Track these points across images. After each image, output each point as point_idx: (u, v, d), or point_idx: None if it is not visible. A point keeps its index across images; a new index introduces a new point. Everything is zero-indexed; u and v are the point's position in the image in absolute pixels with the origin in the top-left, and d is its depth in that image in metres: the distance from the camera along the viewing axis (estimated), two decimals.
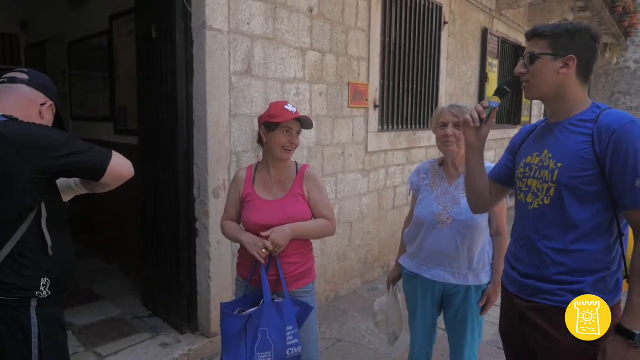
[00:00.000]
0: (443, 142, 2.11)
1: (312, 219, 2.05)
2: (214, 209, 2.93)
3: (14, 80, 1.50)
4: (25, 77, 1.52)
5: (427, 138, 5.09)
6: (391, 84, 4.52)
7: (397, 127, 4.66)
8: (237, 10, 2.95)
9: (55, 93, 1.61)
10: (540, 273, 1.45)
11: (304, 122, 2.06)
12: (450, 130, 2.07)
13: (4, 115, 1.41)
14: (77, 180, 1.64)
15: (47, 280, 1.43)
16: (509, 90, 1.61)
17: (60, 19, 4.86)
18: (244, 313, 1.86)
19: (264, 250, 1.87)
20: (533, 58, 1.46)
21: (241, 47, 3.01)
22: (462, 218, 2.01)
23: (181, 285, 3.06)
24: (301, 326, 1.96)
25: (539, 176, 1.46)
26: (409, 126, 4.84)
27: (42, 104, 1.53)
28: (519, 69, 1.51)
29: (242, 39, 3.01)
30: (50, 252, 1.43)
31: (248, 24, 3.04)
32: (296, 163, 2.14)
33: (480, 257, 2.07)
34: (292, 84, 3.42)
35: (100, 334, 3.12)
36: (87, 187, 1.63)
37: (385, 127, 4.49)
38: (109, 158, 1.47)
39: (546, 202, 1.44)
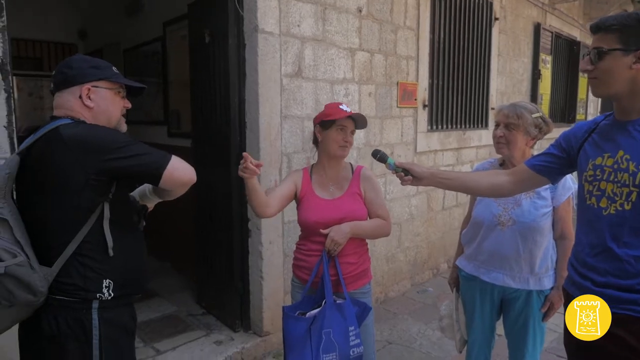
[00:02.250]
0: (494, 143, 2.06)
1: (367, 218, 2.04)
2: None
3: (52, 94, 1.49)
4: (51, 86, 1.49)
5: (477, 138, 4.96)
6: (440, 83, 4.44)
7: (447, 127, 4.57)
8: (287, 12, 2.98)
9: (87, 72, 1.46)
10: (621, 282, 1.34)
11: (358, 121, 2.06)
12: (500, 131, 2.01)
13: (71, 118, 1.43)
14: (150, 187, 1.63)
15: (109, 282, 1.41)
16: (378, 155, 1.85)
17: (116, 27, 5.07)
18: (306, 315, 1.87)
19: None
20: (601, 54, 1.36)
21: (292, 49, 3.04)
22: (524, 220, 1.94)
23: (234, 284, 3.12)
24: (360, 326, 1.95)
25: (616, 179, 1.36)
26: (459, 126, 4.74)
27: (79, 97, 1.45)
28: (585, 65, 1.41)
29: (292, 41, 3.03)
30: (111, 253, 1.41)
31: (298, 25, 3.06)
32: (351, 164, 2.14)
33: (542, 261, 1.99)
34: (341, 84, 3.42)
35: (157, 330, 3.23)
36: (158, 194, 1.63)
37: (435, 127, 4.41)
38: (165, 162, 1.40)
39: (626, 207, 1.33)
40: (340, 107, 2.03)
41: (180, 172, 1.43)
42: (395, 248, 4.11)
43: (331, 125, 2.01)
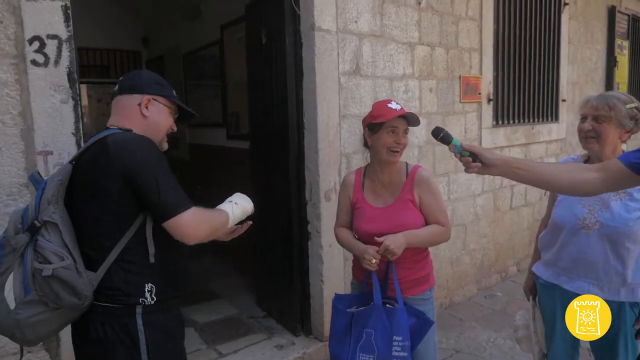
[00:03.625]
0: (581, 138, 1.86)
1: (424, 225, 1.91)
2: (326, 211, 2.90)
3: (113, 96, 1.56)
4: (116, 87, 1.54)
5: (547, 132, 4.65)
6: (506, 75, 4.18)
7: (513, 122, 4.30)
8: (344, 8, 2.89)
9: (152, 86, 1.53)
10: None
11: (410, 119, 1.90)
12: (588, 124, 1.82)
13: (118, 127, 1.47)
14: None
15: (151, 286, 1.43)
16: (441, 135, 1.58)
17: (177, 33, 5.20)
18: (350, 310, 1.83)
19: (374, 261, 1.79)
20: None
21: (349, 46, 2.95)
22: (613, 224, 1.74)
23: (294, 288, 3.08)
24: (420, 341, 1.83)
25: None
26: (527, 120, 4.45)
27: (138, 104, 1.50)
28: None
29: (350, 37, 2.95)
30: (152, 260, 1.42)
31: (355, 22, 2.96)
32: (406, 164, 2.00)
33: (636, 270, 1.77)
34: (401, 81, 3.29)
35: (219, 332, 3.24)
36: None
37: (500, 121, 4.16)
38: (180, 210, 1.36)
39: None
40: (389, 105, 1.87)
41: (187, 228, 1.38)
42: (460, 250, 3.92)
43: (380, 128, 1.87)
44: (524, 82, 4.38)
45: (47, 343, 2.03)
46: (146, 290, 1.42)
